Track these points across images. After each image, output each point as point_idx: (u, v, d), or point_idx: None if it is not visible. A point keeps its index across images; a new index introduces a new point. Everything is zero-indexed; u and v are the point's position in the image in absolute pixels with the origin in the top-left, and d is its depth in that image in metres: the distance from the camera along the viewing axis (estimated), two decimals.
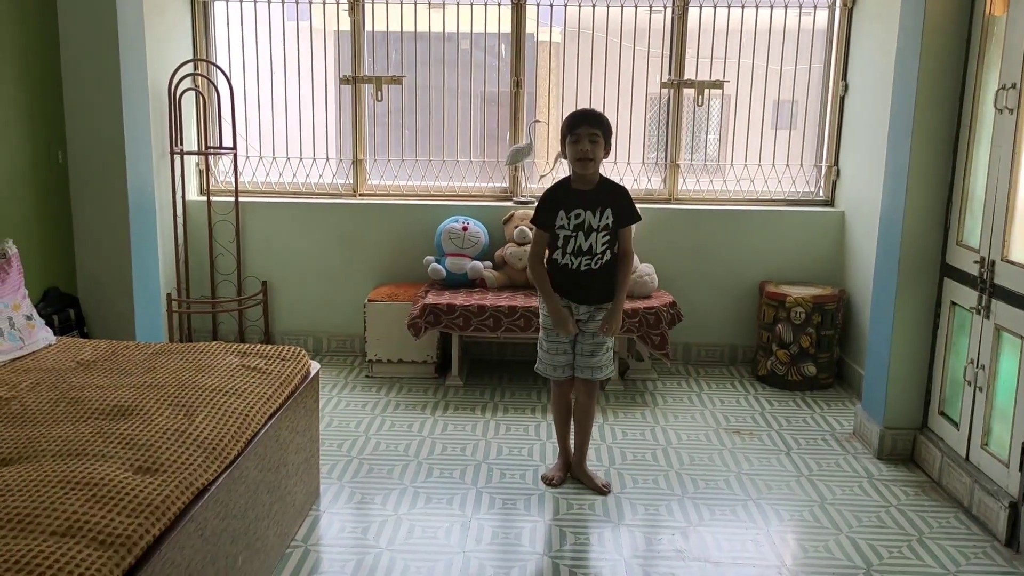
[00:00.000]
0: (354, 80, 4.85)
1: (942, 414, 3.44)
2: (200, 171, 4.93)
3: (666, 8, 4.76)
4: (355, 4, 4.78)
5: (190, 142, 4.80)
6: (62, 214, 3.85)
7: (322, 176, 5.01)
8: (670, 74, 4.81)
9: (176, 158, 4.58)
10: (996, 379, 3.06)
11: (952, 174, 3.37)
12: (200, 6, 4.83)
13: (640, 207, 4.61)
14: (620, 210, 3.15)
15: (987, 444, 3.10)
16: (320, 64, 4.96)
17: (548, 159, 4.94)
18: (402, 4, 4.81)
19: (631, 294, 4.22)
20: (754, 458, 3.59)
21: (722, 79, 4.80)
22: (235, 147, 4.68)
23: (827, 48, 4.79)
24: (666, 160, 4.90)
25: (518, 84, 4.82)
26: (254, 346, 3.06)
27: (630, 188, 3.39)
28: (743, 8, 4.76)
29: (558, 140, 4.90)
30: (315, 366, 3.08)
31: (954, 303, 3.36)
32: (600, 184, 3.16)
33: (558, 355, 3.25)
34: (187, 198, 4.77)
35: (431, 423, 3.92)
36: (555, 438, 3.46)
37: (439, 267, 4.56)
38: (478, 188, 4.98)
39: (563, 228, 3.14)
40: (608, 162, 3.19)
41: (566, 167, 4.55)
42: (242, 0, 4.86)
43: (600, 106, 4.72)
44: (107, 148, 3.82)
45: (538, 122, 4.89)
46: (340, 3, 4.83)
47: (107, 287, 3.92)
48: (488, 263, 4.66)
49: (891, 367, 3.55)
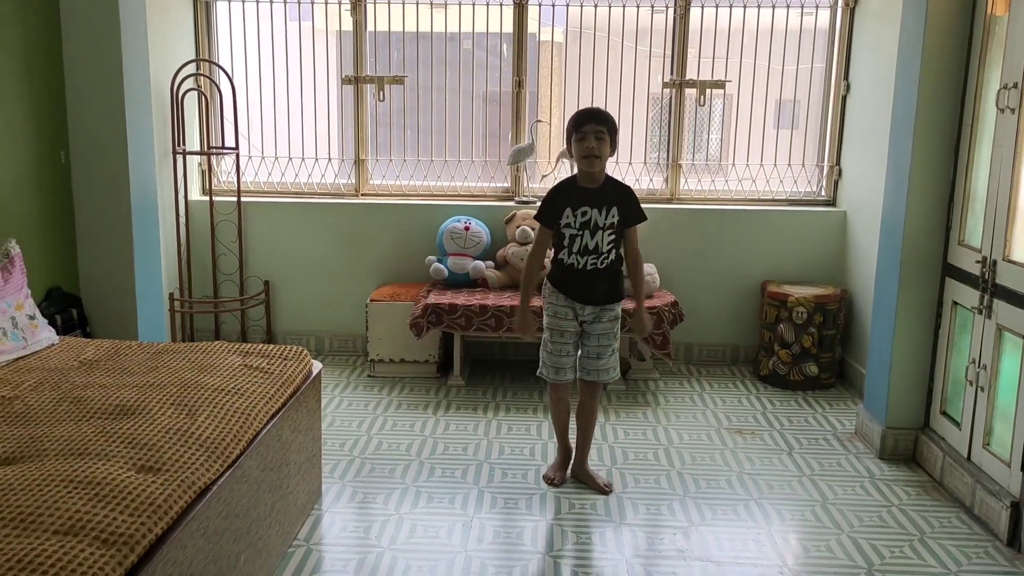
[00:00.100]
0: (356, 80, 4.85)
1: (944, 414, 3.44)
2: (202, 171, 4.93)
3: (668, 8, 4.76)
4: (357, 4, 4.78)
5: (192, 142, 4.81)
6: (65, 214, 3.86)
7: (324, 176, 5.02)
8: (672, 74, 4.81)
9: (178, 158, 4.59)
10: (998, 379, 3.06)
11: (954, 174, 3.37)
12: (202, 6, 4.84)
13: (642, 207, 4.67)
14: (626, 209, 3.15)
15: (989, 444, 3.10)
16: (322, 64, 4.96)
17: (550, 159, 4.95)
18: (404, 4, 4.81)
19: (631, 294, 4.22)
20: (756, 458, 3.60)
21: (724, 79, 4.80)
22: (237, 147, 4.69)
23: (829, 48, 4.79)
24: (668, 160, 4.90)
25: (520, 84, 4.82)
26: (256, 346, 3.06)
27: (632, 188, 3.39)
28: (745, 8, 4.76)
29: (560, 140, 4.97)
30: (317, 366, 3.08)
31: (956, 303, 3.36)
32: (606, 182, 3.15)
33: (561, 356, 3.24)
34: (189, 198, 4.78)
35: (433, 423, 3.92)
36: (555, 437, 3.45)
37: (441, 267, 4.56)
38: (480, 188, 4.98)
39: (569, 227, 3.13)
40: (610, 162, 3.19)
41: (568, 167, 4.59)
42: (244, 0, 4.87)
43: (602, 106, 4.72)
44: (109, 148, 3.83)
45: (540, 122, 4.89)
46: (342, 3, 4.83)
47: (110, 287, 3.93)
48: (490, 263, 4.67)
49: (893, 367, 3.55)
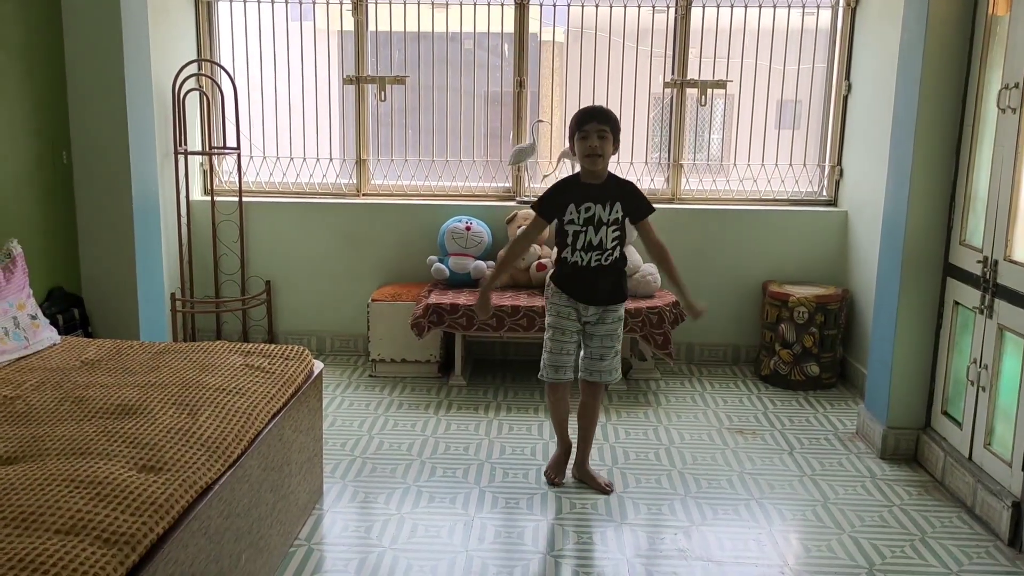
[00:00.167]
0: (357, 80, 4.85)
1: (945, 414, 3.44)
2: (204, 171, 4.94)
3: (669, 8, 4.76)
4: (358, 4, 4.78)
5: (194, 142, 4.81)
6: (67, 214, 3.87)
7: (325, 176, 5.02)
8: (673, 74, 4.81)
9: (180, 158, 4.59)
10: (999, 379, 3.05)
11: (955, 174, 3.37)
12: (204, 6, 4.84)
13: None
14: (633, 204, 3.14)
15: (990, 444, 3.10)
16: (323, 64, 4.97)
17: (551, 159, 4.95)
18: (405, 4, 4.81)
19: (634, 294, 4.23)
20: (757, 458, 3.59)
21: (725, 79, 4.80)
22: (239, 147, 4.69)
23: (830, 48, 4.79)
24: (669, 160, 4.90)
25: (521, 84, 4.82)
26: (258, 345, 3.06)
27: None
28: (746, 8, 4.76)
29: (561, 140, 4.97)
30: (318, 365, 3.08)
31: (957, 303, 3.36)
32: (609, 179, 3.15)
33: (562, 355, 3.22)
34: (191, 198, 4.79)
35: (434, 422, 3.92)
36: (555, 436, 3.42)
37: (442, 267, 4.56)
38: (481, 188, 4.98)
39: (572, 223, 3.12)
40: (612, 162, 3.19)
41: (569, 167, 4.59)
42: (246, 0, 4.87)
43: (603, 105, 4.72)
44: (111, 148, 3.83)
45: (541, 122, 4.89)
46: (343, 3, 4.83)
47: (111, 287, 3.93)
48: (491, 263, 4.66)
49: (894, 367, 3.55)
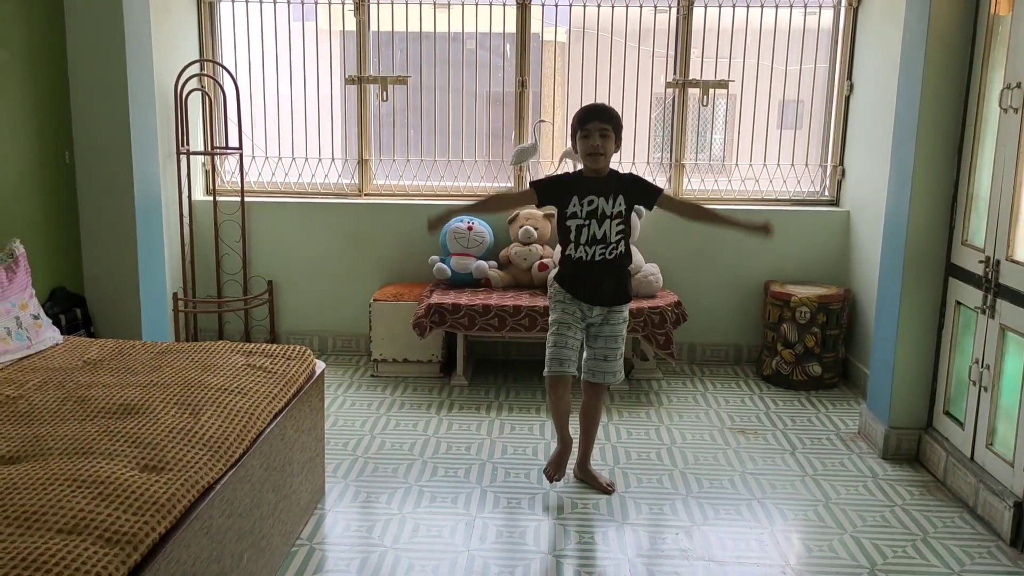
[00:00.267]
0: (359, 80, 4.86)
1: (947, 414, 3.44)
2: (206, 171, 4.94)
3: (671, 8, 4.76)
4: (360, 4, 4.79)
5: (196, 142, 4.82)
6: (69, 214, 3.87)
7: (327, 176, 5.02)
8: (675, 74, 4.81)
9: (182, 158, 4.60)
10: (1001, 379, 3.05)
11: (957, 174, 3.37)
12: (206, 7, 4.85)
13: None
14: (641, 194, 3.14)
15: (992, 444, 3.10)
16: (325, 64, 4.97)
17: (553, 159, 4.95)
18: (407, 4, 4.82)
19: (636, 294, 4.22)
20: (759, 457, 3.59)
21: (727, 79, 4.80)
22: (241, 147, 4.70)
23: (832, 48, 4.79)
24: (671, 160, 4.90)
25: (523, 84, 4.82)
26: (259, 345, 3.07)
27: None
28: (748, 8, 4.76)
29: (563, 140, 4.97)
30: (320, 365, 3.09)
31: (959, 303, 3.35)
32: (610, 173, 3.15)
33: (566, 349, 3.16)
34: (193, 198, 4.79)
35: (436, 422, 3.92)
36: (556, 433, 3.33)
37: (444, 267, 4.56)
38: (483, 188, 4.98)
39: (575, 216, 3.10)
40: (613, 161, 3.19)
41: (571, 167, 4.59)
42: (248, 1, 4.88)
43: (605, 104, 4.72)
44: (114, 148, 3.84)
45: (543, 122, 4.89)
46: (345, 3, 4.84)
47: (113, 287, 3.94)
48: (493, 263, 4.67)
49: (896, 367, 3.55)
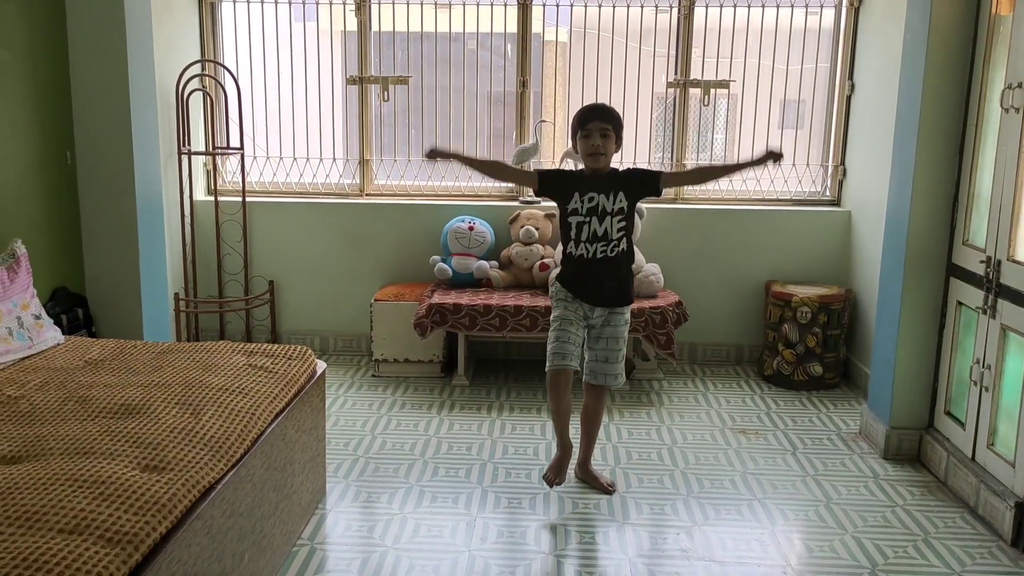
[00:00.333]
0: (361, 80, 4.86)
1: (948, 414, 3.44)
2: (207, 171, 4.95)
3: (672, 8, 4.76)
4: (362, 4, 4.79)
5: (198, 142, 4.82)
6: (71, 214, 3.88)
7: (329, 176, 5.03)
8: (676, 74, 4.81)
9: (184, 158, 4.60)
10: (1002, 379, 3.05)
11: (958, 173, 3.36)
12: (207, 7, 4.85)
13: (646, 206, 4.67)
14: (636, 187, 3.12)
15: (993, 444, 3.09)
16: (327, 64, 4.97)
17: (554, 159, 4.95)
18: (408, 4, 4.82)
19: (637, 294, 4.22)
20: (760, 458, 3.59)
21: (728, 79, 4.79)
22: (242, 147, 4.70)
23: (833, 47, 4.78)
24: (672, 160, 4.90)
25: (524, 84, 4.82)
26: (261, 345, 3.07)
27: None
28: (749, 7, 4.76)
29: (564, 140, 4.96)
30: (321, 365, 3.09)
31: (960, 303, 3.35)
32: (610, 171, 3.15)
33: (567, 344, 3.11)
34: (195, 198, 4.80)
35: (437, 422, 3.93)
36: (556, 437, 3.26)
37: (445, 267, 4.57)
38: (484, 188, 4.99)
39: (576, 213, 3.09)
40: (614, 162, 3.19)
41: (572, 167, 4.59)
42: (249, 1, 4.88)
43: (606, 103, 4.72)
44: (115, 149, 3.84)
45: (544, 122, 4.89)
46: (347, 3, 4.84)
47: (115, 287, 3.94)
48: (494, 263, 4.67)
49: (897, 367, 3.54)
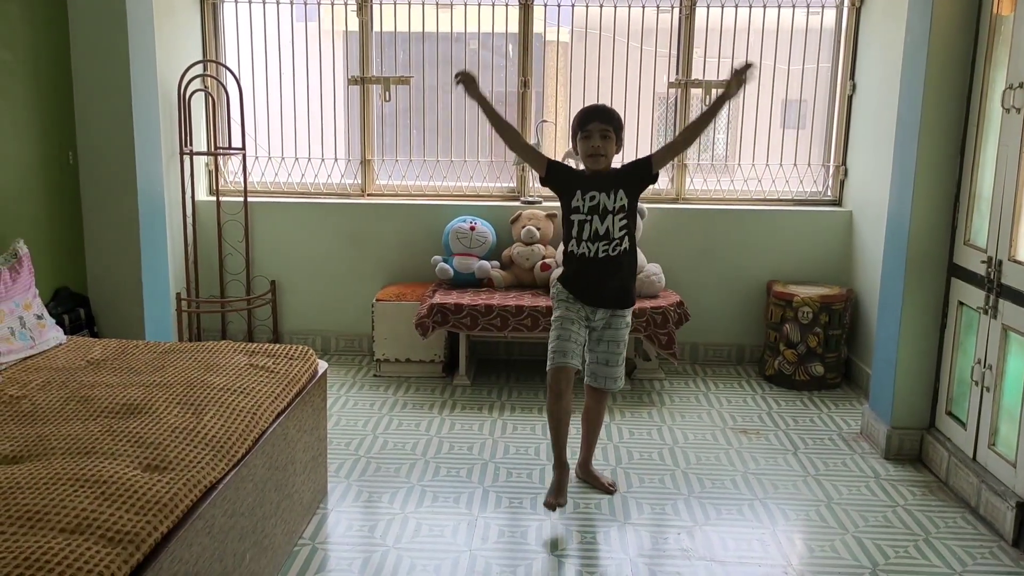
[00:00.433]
0: (362, 80, 4.86)
1: (949, 414, 3.44)
2: (209, 171, 4.95)
3: (674, 8, 4.76)
4: (363, 5, 4.79)
5: (199, 142, 4.82)
6: (73, 214, 3.88)
7: (330, 176, 5.03)
8: (678, 74, 4.81)
9: (185, 158, 4.61)
10: (1003, 379, 3.05)
11: (959, 174, 3.36)
12: (209, 7, 4.86)
13: (648, 207, 4.68)
14: (634, 174, 3.10)
15: (994, 444, 3.09)
16: (328, 65, 4.98)
17: (555, 159, 4.94)
18: (410, 4, 4.82)
19: (638, 294, 4.22)
20: (761, 457, 3.59)
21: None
22: (244, 147, 4.70)
23: (835, 47, 4.78)
24: (674, 160, 4.89)
25: (525, 84, 4.83)
26: (262, 345, 3.07)
27: None
28: (750, 8, 4.75)
29: (566, 140, 4.96)
30: (323, 365, 3.09)
31: (961, 303, 3.35)
32: (610, 171, 3.14)
33: (569, 342, 3.07)
34: (196, 198, 4.80)
35: (438, 422, 3.93)
36: (552, 455, 3.13)
37: (446, 267, 4.57)
38: (485, 188, 4.99)
39: (578, 211, 3.08)
40: (614, 162, 3.19)
41: (573, 167, 4.58)
42: (251, 1, 4.89)
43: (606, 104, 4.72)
44: (117, 149, 3.85)
45: (546, 122, 4.89)
46: (348, 4, 4.84)
47: (117, 287, 3.95)
48: (495, 263, 4.67)
49: (898, 367, 3.54)
